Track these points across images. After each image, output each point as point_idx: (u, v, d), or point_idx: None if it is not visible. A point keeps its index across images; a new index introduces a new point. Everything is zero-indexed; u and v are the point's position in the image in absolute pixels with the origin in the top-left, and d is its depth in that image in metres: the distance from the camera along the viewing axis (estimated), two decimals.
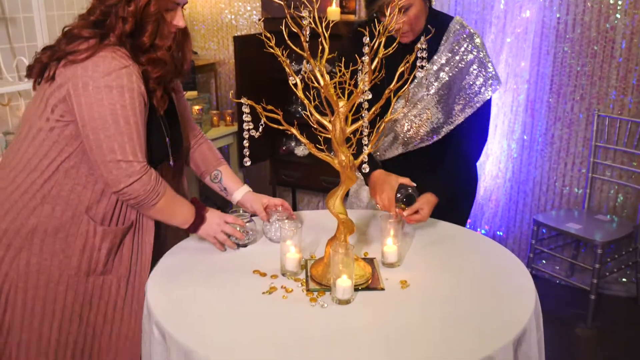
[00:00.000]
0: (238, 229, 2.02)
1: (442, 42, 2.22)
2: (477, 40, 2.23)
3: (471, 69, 2.21)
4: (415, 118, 2.27)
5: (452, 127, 2.25)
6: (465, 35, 2.22)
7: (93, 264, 1.88)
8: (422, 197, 2.12)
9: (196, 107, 3.84)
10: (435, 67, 2.22)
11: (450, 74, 2.22)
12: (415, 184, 2.13)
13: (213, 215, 1.99)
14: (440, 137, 2.28)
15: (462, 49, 2.21)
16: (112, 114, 1.72)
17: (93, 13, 1.80)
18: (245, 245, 2.05)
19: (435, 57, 2.22)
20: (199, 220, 1.96)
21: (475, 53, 2.21)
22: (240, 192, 2.18)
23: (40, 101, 1.81)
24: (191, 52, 2.02)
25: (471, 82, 2.21)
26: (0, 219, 1.83)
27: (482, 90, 2.22)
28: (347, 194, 1.85)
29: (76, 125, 1.77)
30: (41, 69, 1.83)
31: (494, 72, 2.24)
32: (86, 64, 1.72)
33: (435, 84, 2.23)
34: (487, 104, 2.26)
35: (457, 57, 2.21)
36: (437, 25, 2.11)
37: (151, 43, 1.80)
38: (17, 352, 1.89)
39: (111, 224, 1.88)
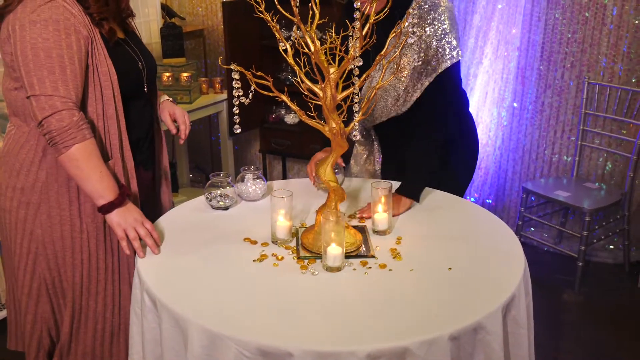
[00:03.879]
0: (220, 192, 2.05)
1: (409, 12, 2.09)
2: (441, 10, 2.12)
3: (433, 41, 2.12)
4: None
5: (416, 96, 2.21)
6: (429, 6, 2.12)
7: None
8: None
9: (185, 74, 3.79)
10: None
11: (415, 46, 2.14)
12: (344, 166, 2.21)
13: (135, 209, 1.83)
14: (408, 106, 2.25)
15: (428, 21, 2.12)
16: (33, 48, 1.71)
17: None
18: (226, 208, 2.07)
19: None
20: (120, 201, 1.78)
21: (438, 24, 2.12)
22: (159, 100, 2.18)
23: (4, 64, 1.84)
24: None
25: (431, 54, 2.13)
26: (15, 179, 1.88)
27: (438, 64, 2.14)
28: None
29: None
30: None
31: (454, 44, 2.14)
32: (17, 9, 1.74)
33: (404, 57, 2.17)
34: (449, 77, 2.17)
35: (422, 29, 2.12)
36: None
37: None
38: (48, 314, 1.97)
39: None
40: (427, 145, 2.18)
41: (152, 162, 2.13)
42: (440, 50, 2.13)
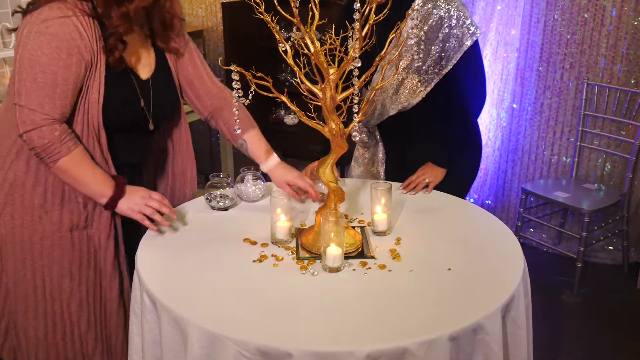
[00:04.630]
0: (220, 193, 2.03)
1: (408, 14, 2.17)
2: None
3: (444, 27, 2.16)
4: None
5: (434, 82, 2.23)
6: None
7: (75, 219, 1.89)
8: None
9: None
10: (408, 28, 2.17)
11: (425, 37, 2.17)
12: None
13: (136, 189, 1.87)
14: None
15: (435, 9, 2.16)
16: (30, 59, 1.71)
17: None
18: (226, 209, 2.06)
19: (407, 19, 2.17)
20: (119, 193, 1.83)
21: (446, 9, 2.16)
22: (267, 164, 2.13)
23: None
24: (179, 6, 1.94)
25: (446, 40, 2.16)
26: None
27: (457, 46, 2.18)
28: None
29: None
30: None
31: (469, 22, 2.18)
32: (34, 13, 1.73)
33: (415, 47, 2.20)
34: (473, 57, 2.22)
35: (431, 17, 2.16)
36: None
37: None
38: (14, 308, 1.94)
39: None
40: (449, 136, 2.32)
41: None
42: (459, 33, 2.16)
